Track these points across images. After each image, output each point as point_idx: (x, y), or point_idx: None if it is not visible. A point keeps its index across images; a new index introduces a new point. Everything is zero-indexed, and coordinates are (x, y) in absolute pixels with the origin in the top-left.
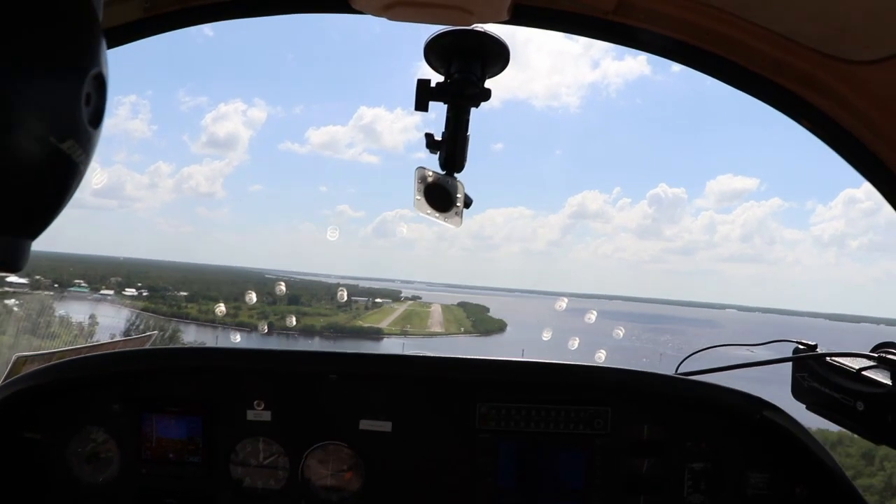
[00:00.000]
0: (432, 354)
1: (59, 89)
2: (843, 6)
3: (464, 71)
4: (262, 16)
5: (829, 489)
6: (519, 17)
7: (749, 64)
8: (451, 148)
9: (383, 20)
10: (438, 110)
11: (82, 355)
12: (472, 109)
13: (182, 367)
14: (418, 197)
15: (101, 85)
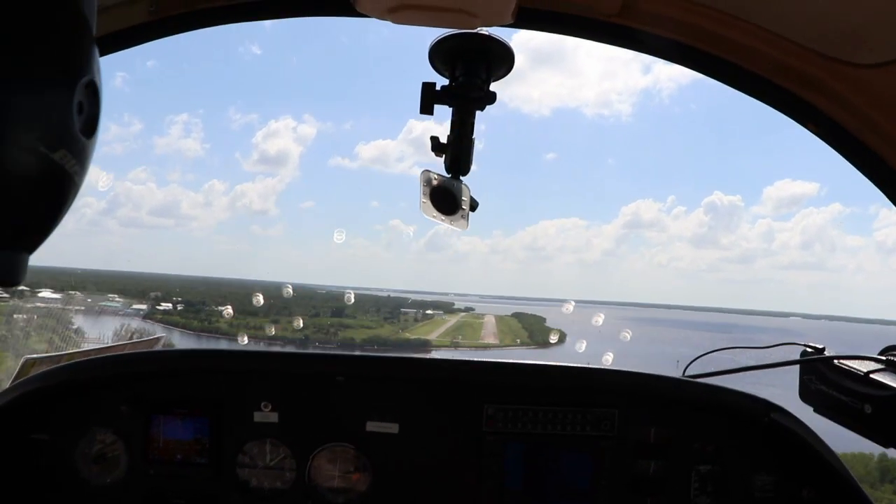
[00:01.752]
0: (439, 356)
1: (49, 98)
2: (848, 9)
3: (469, 74)
4: (268, 19)
5: (837, 492)
6: (523, 19)
7: (754, 67)
8: (457, 151)
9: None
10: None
11: (91, 357)
12: (515, 117)
13: (189, 368)
14: (424, 200)
15: (93, 93)
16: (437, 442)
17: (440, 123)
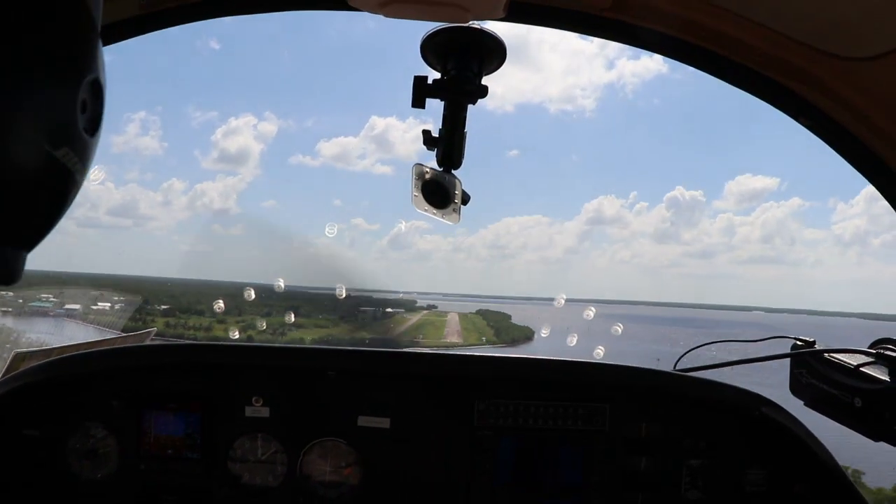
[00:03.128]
0: (431, 351)
1: (53, 96)
2: (840, 2)
3: (460, 68)
4: (258, 12)
5: (828, 486)
6: (515, 14)
7: (745, 60)
8: (449, 145)
9: (386, 24)
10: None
11: (81, 351)
12: (479, 112)
13: (181, 363)
14: (416, 193)
15: (97, 91)
16: (429, 437)
17: (402, 120)
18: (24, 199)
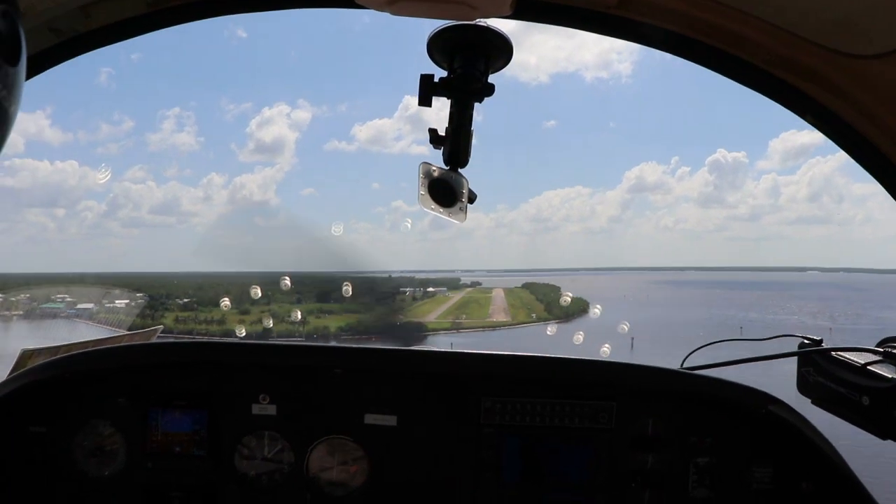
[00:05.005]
0: (437, 349)
1: None
2: (847, 0)
3: (467, 66)
4: (267, 10)
5: (835, 484)
6: (522, 11)
7: (751, 58)
8: (455, 143)
9: None
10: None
11: (88, 349)
12: (509, 91)
13: (188, 361)
14: (422, 192)
15: (11, 20)
16: (436, 434)
17: (436, 97)
18: None
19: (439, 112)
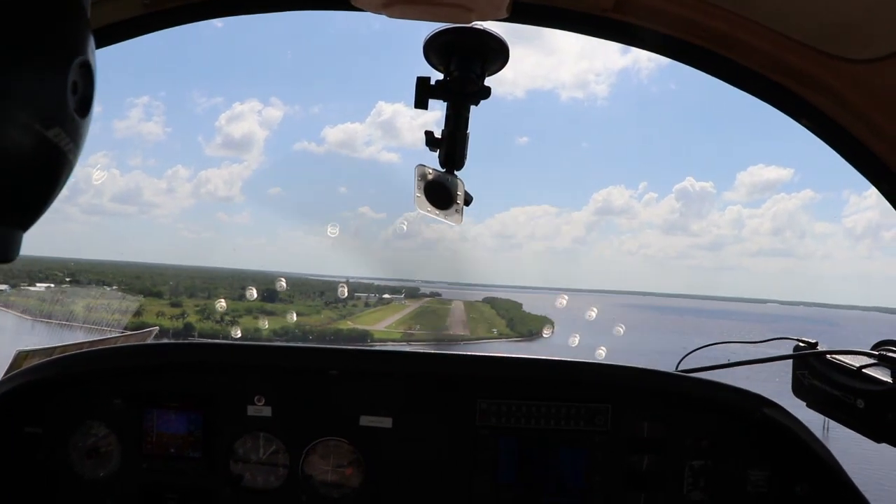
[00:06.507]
0: (433, 351)
1: (44, 78)
2: (843, 4)
3: (463, 69)
4: (262, 12)
5: (830, 487)
6: (518, 14)
7: (747, 62)
8: (451, 146)
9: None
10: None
11: (84, 350)
12: (484, 104)
13: (183, 362)
14: (418, 194)
15: (87, 73)
16: (431, 436)
17: (411, 106)
18: (18, 180)
19: (412, 121)
